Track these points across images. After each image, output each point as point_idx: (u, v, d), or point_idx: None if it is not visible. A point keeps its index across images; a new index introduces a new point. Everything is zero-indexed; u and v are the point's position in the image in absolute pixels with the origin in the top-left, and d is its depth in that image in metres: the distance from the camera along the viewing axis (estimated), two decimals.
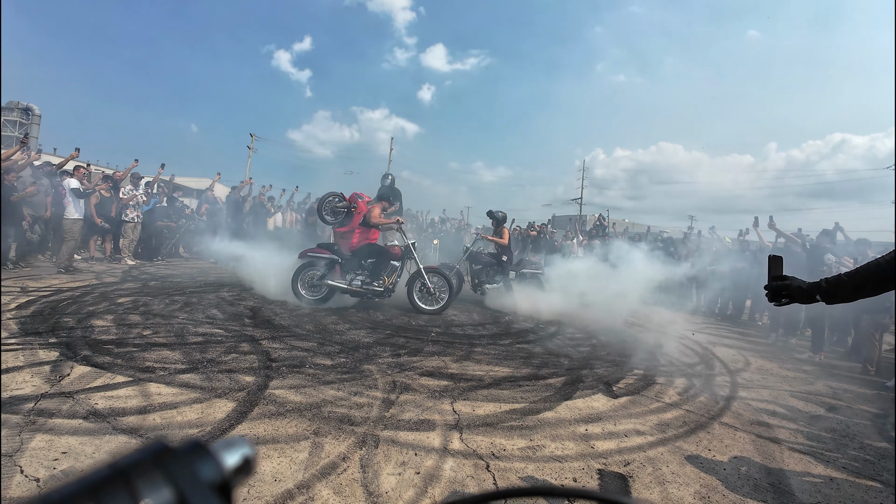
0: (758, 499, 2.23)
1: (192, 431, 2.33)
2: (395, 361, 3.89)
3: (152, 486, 0.27)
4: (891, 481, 2.54)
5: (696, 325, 7.61)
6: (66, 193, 7.43)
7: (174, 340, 3.87)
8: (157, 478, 0.27)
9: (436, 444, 2.48)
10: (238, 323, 4.67)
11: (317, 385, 3.16)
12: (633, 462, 2.49)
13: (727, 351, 5.67)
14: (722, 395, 3.79)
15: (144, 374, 3.06)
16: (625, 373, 4.16)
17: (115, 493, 0.25)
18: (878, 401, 4.08)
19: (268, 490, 1.90)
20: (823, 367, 5.36)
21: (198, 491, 0.28)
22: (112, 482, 0.26)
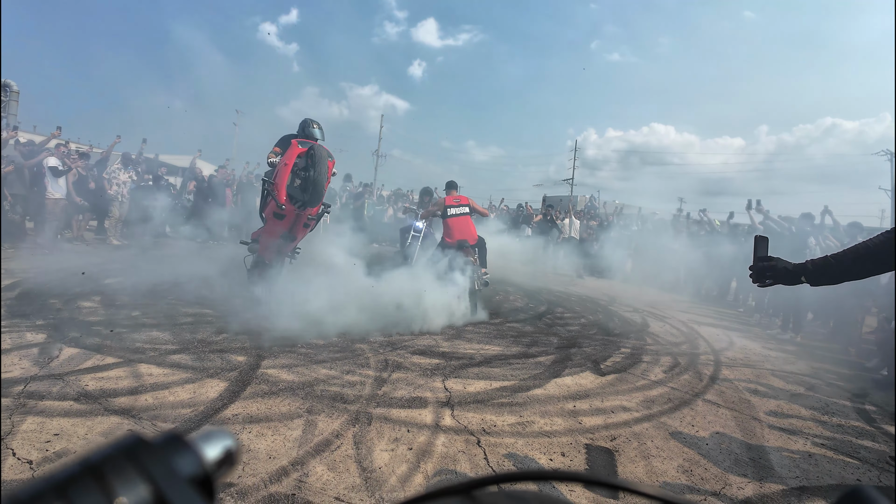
0: (738, 473, 2.31)
1: (184, 411, 2.35)
2: (386, 340, 3.92)
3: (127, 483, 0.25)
4: (867, 458, 2.64)
5: (683, 305, 7.75)
6: (46, 172, 7.25)
7: (164, 321, 3.85)
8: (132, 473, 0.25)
9: (428, 420, 2.52)
10: (228, 302, 4.65)
11: (309, 364, 3.18)
12: (619, 437, 2.56)
13: (712, 331, 5.80)
14: (706, 374, 3.89)
15: (135, 354, 3.05)
16: (612, 351, 4.24)
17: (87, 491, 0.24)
18: (856, 381, 4.21)
19: (262, 467, 1.93)
20: (805, 348, 5.51)
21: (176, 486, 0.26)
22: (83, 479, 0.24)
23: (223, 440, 0.31)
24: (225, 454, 0.31)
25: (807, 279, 1.38)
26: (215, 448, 0.30)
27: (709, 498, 2.08)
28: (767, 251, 1.47)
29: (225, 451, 0.31)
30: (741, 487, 2.18)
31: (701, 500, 2.06)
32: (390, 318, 4.37)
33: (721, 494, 2.11)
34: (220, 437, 0.31)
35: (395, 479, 1.96)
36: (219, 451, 0.30)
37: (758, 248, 1.48)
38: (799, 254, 5.80)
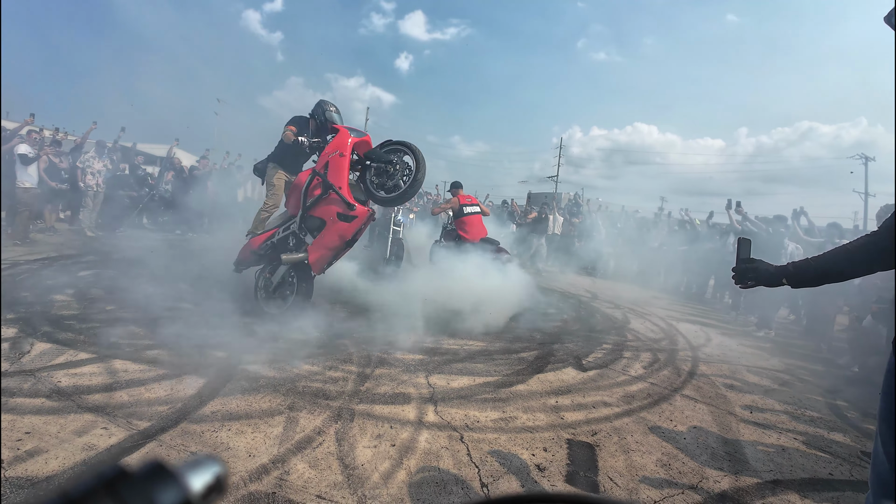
0: (714, 466, 2.37)
1: (160, 409, 2.29)
2: (369, 335, 3.89)
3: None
4: (838, 452, 2.73)
5: (663, 302, 7.89)
6: (15, 160, 6.98)
7: (140, 315, 3.75)
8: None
9: (411, 416, 2.52)
10: (207, 296, 4.55)
11: (290, 360, 3.14)
12: (600, 432, 2.60)
13: (690, 327, 5.92)
14: (684, 370, 3.97)
15: (109, 350, 2.97)
16: (594, 347, 4.30)
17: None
18: (829, 378, 4.35)
19: (242, 465, 1.90)
20: (779, 345, 5.67)
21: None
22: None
23: (211, 467, 0.30)
24: (213, 482, 0.29)
25: (788, 281, 1.40)
26: (202, 476, 0.29)
27: (686, 491, 2.12)
28: (750, 253, 1.49)
29: (213, 480, 0.29)
30: (717, 481, 2.23)
31: (678, 493, 2.10)
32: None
33: (698, 488, 2.16)
34: (207, 465, 0.30)
35: (377, 475, 1.95)
36: (206, 479, 0.29)
37: (740, 250, 1.50)
38: (774, 254, 5.97)
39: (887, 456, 1.17)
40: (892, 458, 1.16)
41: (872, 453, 1.24)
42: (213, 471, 0.30)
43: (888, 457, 1.17)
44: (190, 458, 0.29)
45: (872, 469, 1.25)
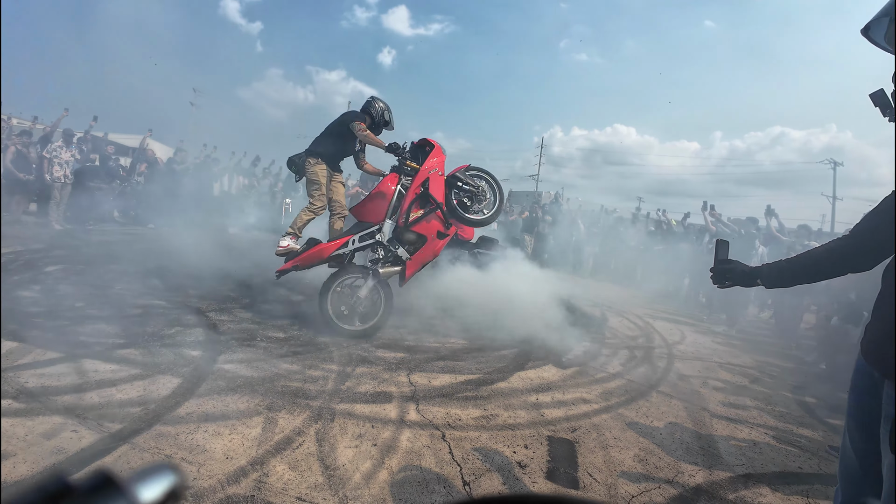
0: (689, 461, 2.43)
1: (133, 410, 2.22)
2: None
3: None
4: (807, 447, 2.83)
5: (640, 300, 8.05)
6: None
7: (110, 313, 3.62)
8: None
9: (392, 415, 2.50)
10: (181, 293, 4.44)
11: (269, 359, 3.08)
12: (580, 428, 2.63)
13: (666, 325, 6.05)
14: (660, 366, 4.06)
15: (78, 349, 2.85)
16: (573, 345, 4.35)
17: None
18: (797, 374, 4.51)
19: (219, 468, 1.85)
20: (750, 343, 5.85)
21: None
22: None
23: (164, 477, 0.27)
24: (167, 494, 0.27)
25: (762, 281, 1.45)
26: (154, 487, 0.27)
27: (663, 485, 2.17)
28: (728, 254, 1.53)
29: (166, 491, 0.27)
30: (692, 475, 2.29)
31: (655, 487, 2.14)
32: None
33: (674, 482, 2.21)
34: (159, 474, 0.27)
35: (359, 476, 1.93)
36: (158, 490, 0.27)
37: (718, 252, 1.54)
38: (745, 255, 6.16)
39: (855, 450, 1.22)
40: (860, 453, 1.20)
41: (841, 448, 1.29)
42: (167, 481, 0.27)
43: (856, 451, 1.22)
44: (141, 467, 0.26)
45: (841, 462, 1.30)
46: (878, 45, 1.19)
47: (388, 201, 3.96)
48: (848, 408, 1.26)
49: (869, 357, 1.18)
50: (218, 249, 6.21)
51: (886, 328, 1.12)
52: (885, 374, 1.08)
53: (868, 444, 1.17)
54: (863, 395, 1.19)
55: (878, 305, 1.18)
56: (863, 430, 1.19)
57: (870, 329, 1.20)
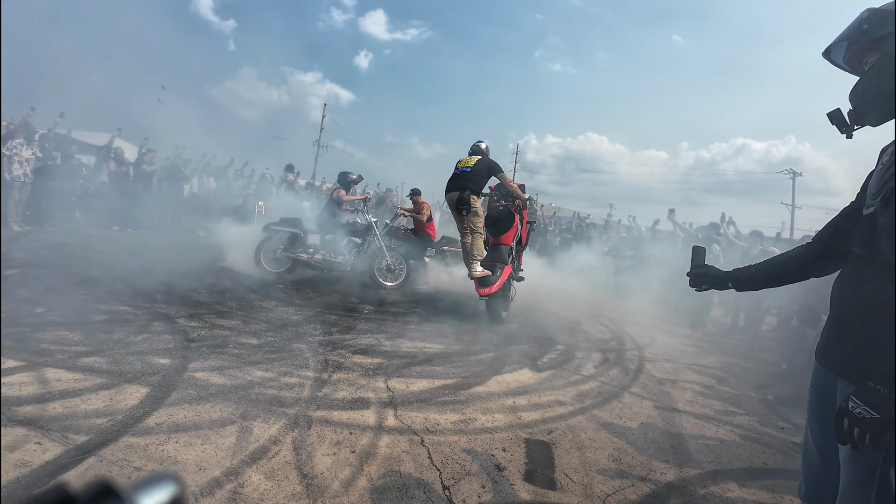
0: (661, 459, 2.50)
1: (99, 421, 2.13)
2: (326, 340, 3.81)
3: None
4: (771, 443, 2.96)
5: (611, 304, 8.23)
6: None
7: (73, 319, 3.47)
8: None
9: (370, 421, 2.49)
10: (149, 299, 4.30)
11: (242, 366, 3.01)
12: (556, 430, 2.68)
13: (637, 329, 6.21)
14: (631, 368, 4.17)
15: (40, 357, 2.73)
16: (548, 348, 4.42)
17: None
18: (760, 374, 4.70)
19: (191, 479, 1.80)
20: (716, 344, 6.07)
21: None
22: None
23: (164, 486, 0.27)
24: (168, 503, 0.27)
25: (732, 284, 1.53)
26: (155, 497, 0.26)
27: (636, 483, 2.23)
28: (704, 260, 1.60)
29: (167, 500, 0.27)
30: (664, 473, 2.36)
31: (629, 485, 2.20)
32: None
33: (647, 479, 2.28)
34: (160, 484, 0.27)
35: (337, 483, 1.91)
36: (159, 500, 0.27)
37: (695, 257, 1.61)
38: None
39: (815, 444, 1.30)
40: (820, 446, 1.28)
41: (803, 443, 1.37)
42: (167, 490, 0.27)
43: (816, 445, 1.29)
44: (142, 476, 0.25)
45: (804, 458, 1.37)
46: (839, 66, 1.28)
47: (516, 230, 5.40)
48: (808, 404, 1.34)
49: (825, 361, 1.26)
50: (188, 253, 6.04)
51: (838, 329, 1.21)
52: (843, 374, 1.15)
53: (827, 438, 1.25)
54: (821, 393, 1.27)
55: (831, 311, 1.26)
56: (821, 426, 1.27)
57: (824, 332, 1.28)
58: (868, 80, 1.14)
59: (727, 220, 7.76)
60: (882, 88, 1.09)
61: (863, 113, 1.17)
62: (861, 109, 1.17)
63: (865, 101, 1.15)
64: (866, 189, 1.20)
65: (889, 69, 1.07)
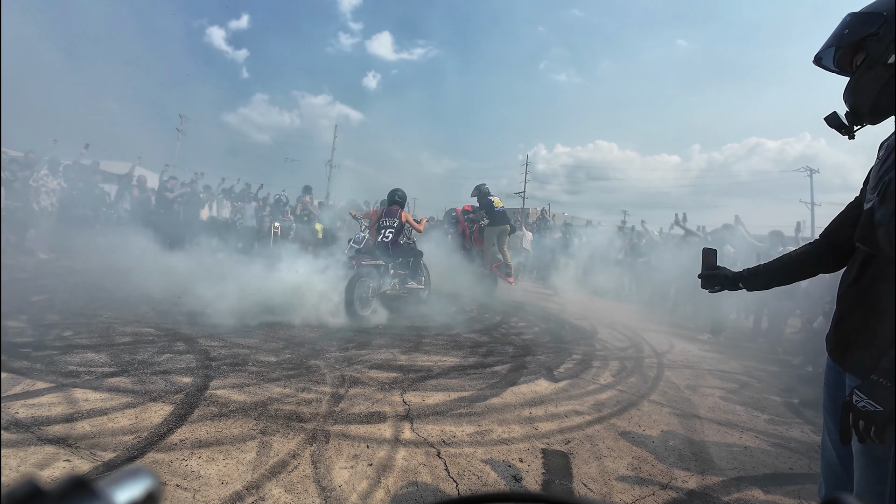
0: (682, 467, 2.47)
1: (125, 438, 2.20)
2: (342, 356, 3.86)
3: None
4: (797, 448, 2.88)
5: (628, 312, 8.14)
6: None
7: (99, 341, 3.59)
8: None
9: (387, 435, 2.51)
10: (171, 320, 4.42)
11: (261, 383, 3.07)
12: (573, 440, 2.66)
13: (654, 335, 6.13)
14: (650, 376, 4.11)
15: (68, 378, 2.83)
16: (564, 358, 4.39)
17: None
18: (784, 377, 4.60)
19: (214, 493, 1.84)
20: (738, 349, 5.95)
21: None
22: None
23: (140, 480, 0.27)
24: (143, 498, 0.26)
25: (743, 285, 1.53)
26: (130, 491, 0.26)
27: (657, 491, 2.20)
28: (715, 261, 1.60)
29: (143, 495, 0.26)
30: (685, 481, 2.33)
31: (649, 494, 2.17)
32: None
33: (668, 487, 2.24)
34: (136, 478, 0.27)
35: (355, 496, 1.93)
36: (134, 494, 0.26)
37: (706, 259, 1.61)
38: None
39: (832, 443, 1.28)
40: (837, 445, 1.26)
41: (822, 443, 1.35)
42: (143, 485, 0.27)
43: (833, 444, 1.28)
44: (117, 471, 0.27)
45: (822, 458, 1.35)
46: (831, 70, 1.30)
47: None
48: (823, 404, 1.33)
49: (833, 354, 1.26)
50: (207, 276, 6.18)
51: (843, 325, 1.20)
52: (850, 369, 1.15)
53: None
54: (834, 390, 1.26)
55: (837, 304, 1.25)
56: (837, 423, 1.25)
57: (832, 326, 1.28)
58: (857, 80, 1.16)
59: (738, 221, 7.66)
60: (870, 86, 1.11)
61: (858, 113, 1.18)
62: (856, 110, 1.18)
63: (858, 101, 1.16)
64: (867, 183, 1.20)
65: (875, 68, 1.09)
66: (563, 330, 5.76)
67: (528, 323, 6.03)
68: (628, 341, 5.54)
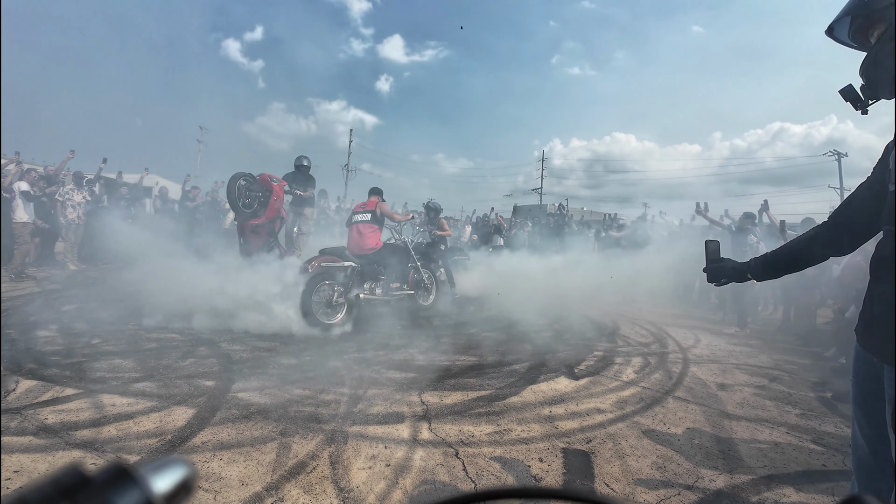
0: (709, 466, 2.39)
1: (150, 441, 2.25)
2: (361, 357, 3.87)
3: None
4: (831, 444, 2.76)
5: (651, 306, 7.96)
6: (15, 196, 7.02)
7: (126, 348, 3.69)
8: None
9: (405, 435, 2.50)
10: (195, 325, 4.50)
11: (282, 385, 3.11)
12: (595, 439, 2.60)
13: (679, 330, 5.98)
14: (675, 372, 4.01)
15: (96, 384, 2.91)
16: (585, 355, 4.32)
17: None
18: (816, 370, 4.42)
19: (235, 495, 1.87)
20: (767, 342, 5.75)
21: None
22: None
23: (176, 469, 0.29)
24: (179, 485, 0.28)
25: (752, 275, 1.47)
26: (166, 479, 0.28)
27: (682, 491, 2.13)
28: (719, 253, 1.55)
29: (179, 482, 0.28)
30: (713, 480, 2.25)
31: (675, 494, 2.11)
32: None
33: (694, 487, 2.17)
34: (172, 467, 0.29)
35: (373, 496, 1.93)
36: (171, 482, 0.28)
37: (709, 252, 1.56)
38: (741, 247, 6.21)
39: (864, 438, 1.21)
40: (869, 440, 1.20)
41: (852, 439, 1.28)
42: (179, 472, 0.28)
43: (865, 439, 1.21)
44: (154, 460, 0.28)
45: (853, 454, 1.28)
46: (844, 43, 1.23)
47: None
48: (852, 397, 1.26)
49: (865, 343, 1.18)
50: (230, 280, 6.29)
51: (881, 313, 1.12)
52: (885, 359, 1.08)
53: (875, 430, 1.17)
54: (865, 382, 1.19)
55: (870, 292, 1.18)
56: (869, 417, 1.19)
57: (864, 315, 1.20)
58: (877, 52, 1.09)
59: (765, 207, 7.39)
60: (891, 59, 1.04)
61: (875, 87, 1.12)
62: (873, 83, 1.12)
63: (877, 74, 1.10)
64: (886, 164, 1.13)
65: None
66: (583, 326, 5.67)
67: (548, 319, 5.95)
68: (652, 336, 5.42)
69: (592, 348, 4.58)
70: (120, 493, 0.25)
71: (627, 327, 5.85)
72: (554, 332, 5.26)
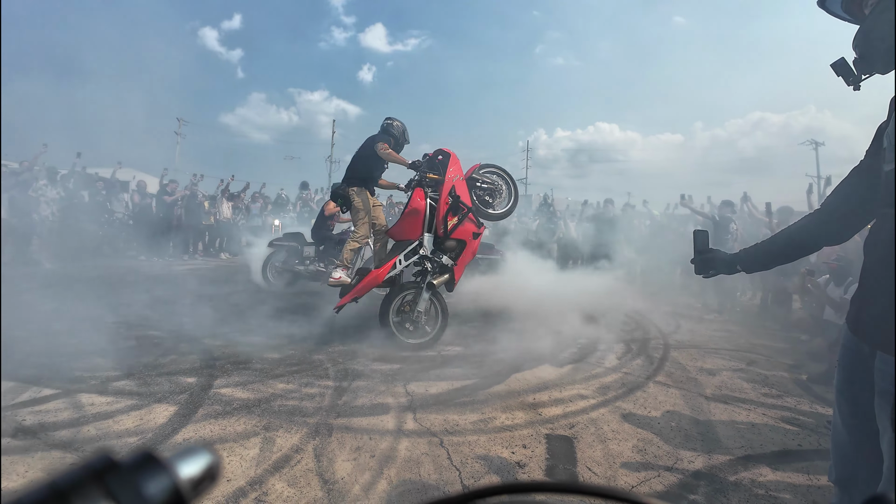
0: (688, 448, 2.45)
1: (130, 440, 2.22)
2: (346, 349, 3.86)
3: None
4: (806, 424, 2.85)
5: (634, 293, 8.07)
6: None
7: (104, 346, 3.61)
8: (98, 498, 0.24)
9: (390, 426, 2.51)
10: (175, 322, 4.43)
11: (265, 380, 3.09)
12: (578, 424, 2.65)
13: (661, 316, 6.09)
14: (656, 357, 4.09)
15: (74, 384, 2.85)
16: (569, 342, 4.37)
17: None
18: (792, 353, 4.55)
19: (218, 491, 1.85)
20: (746, 326, 5.89)
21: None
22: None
23: (202, 456, 0.30)
24: (204, 472, 0.29)
25: (741, 267, 1.45)
26: (192, 466, 0.29)
27: (662, 473, 2.19)
28: (708, 243, 1.52)
29: (204, 469, 0.29)
30: (692, 461, 2.31)
31: (655, 476, 2.16)
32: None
33: (673, 469, 2.23)
34: (198, 454, 0.30)
35: (358, 488, 1.94)
36: (197, 468, 0.29)
37: (697, 242, 1.52)
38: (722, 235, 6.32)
39: (845, 426, 1.21)
40: (850, 428, 1.19)
41: (832, 425, 1.27)
42: (205, 460, 0.29)
43: (846, 427, 1.21)
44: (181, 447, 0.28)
45: (833, 440, 1.28)
46: (836, 15, 1.20)
47: (422, 216, 4.13)
48: (836, 383, 1.25)
49: (859, 331, 1.16)
50: (210, 275, 6.21)
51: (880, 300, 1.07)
52: (882, 347, 1.04)
53: (858, 419, 1.16)
54: (850, 371, 1.18)
55: (865, 277, 1.15)
56: (852, 405, 1.18)
57: (856, 301, 1.18)
58: (871, 24, 1.06)
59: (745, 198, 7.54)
60: (887, 31, 1.01)
61: (869, 60, 1.09)
62: (867, 56, 1.09)
63: (871, 47, 1.07)
64: (881, 144, 1.10)
65: (893, 10, 1.00)
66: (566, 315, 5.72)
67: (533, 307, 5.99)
68: (634, 323, 5.51)
69: (576, 336, 4.64)
70: (148, 478, 0.26)
71: (611, 314, 5.92)
72: (538, 320, 5.30)
